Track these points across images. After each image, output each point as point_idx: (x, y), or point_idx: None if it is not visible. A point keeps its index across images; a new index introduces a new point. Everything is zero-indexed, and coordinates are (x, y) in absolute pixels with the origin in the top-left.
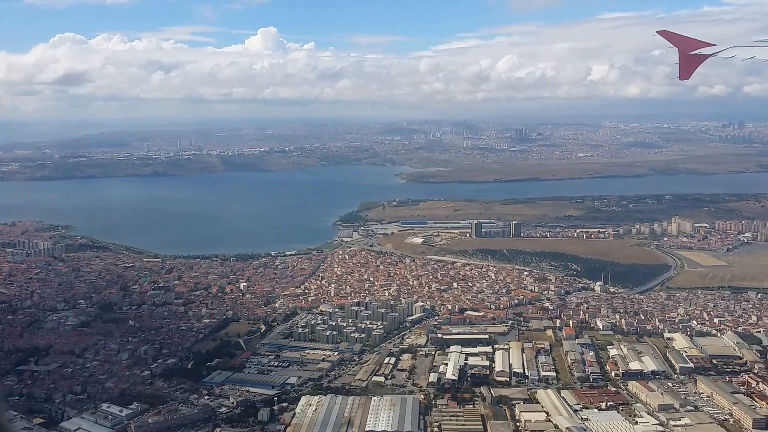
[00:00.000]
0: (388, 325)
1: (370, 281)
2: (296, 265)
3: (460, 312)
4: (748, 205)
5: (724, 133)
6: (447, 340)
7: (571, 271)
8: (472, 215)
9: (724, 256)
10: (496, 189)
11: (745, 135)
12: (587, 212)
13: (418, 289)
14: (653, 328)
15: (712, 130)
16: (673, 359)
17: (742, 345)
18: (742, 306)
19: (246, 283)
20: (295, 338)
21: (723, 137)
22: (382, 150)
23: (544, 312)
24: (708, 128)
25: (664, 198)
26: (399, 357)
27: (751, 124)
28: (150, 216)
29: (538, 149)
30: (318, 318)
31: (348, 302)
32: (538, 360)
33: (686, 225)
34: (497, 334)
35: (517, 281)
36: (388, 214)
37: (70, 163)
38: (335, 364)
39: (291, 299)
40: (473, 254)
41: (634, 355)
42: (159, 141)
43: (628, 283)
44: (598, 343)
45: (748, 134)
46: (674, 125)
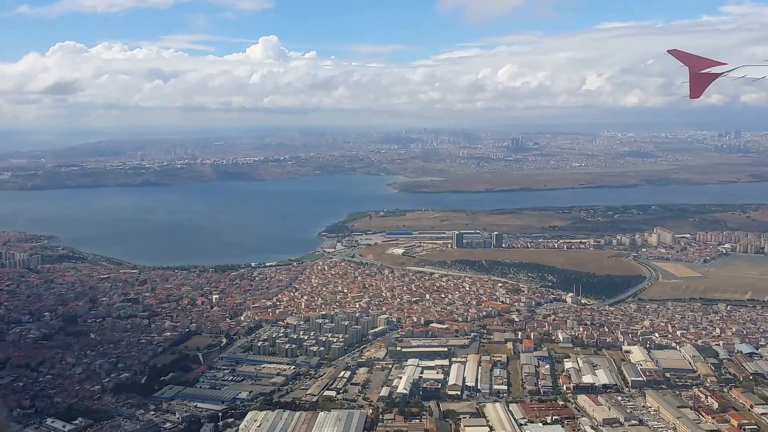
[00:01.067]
0: (350, 337)
1: (343, 293)
2: (274, 277)
3: (425, 324)
4: (734, 216)
5: (720, 143)
6: (406, 353)
7: (547, 282)
8: (459, 226)
9: (700, 267)
10: (486, 199)
11: (740, 144)
12: (572, 223)
13: (389, 300)
14: (613, 341)
15: (709, 139)
16: (626, 372)
17: (698, 358)
18: (709, 318)
19: (218, 295)
20: (255, 352)
21: (719, 147)
22: (377, 159)
23: (509, 324)
24: (704, 138)
25: (650, 208)
26: (355, 371)
27: (748, 133)
28: (135, 226)
29: (534, 159)
30: (280, 331)
31: (313, 315)
32: (493, 373)
33: (666, 236)
34: (458, 346)
35: (489, 292)
36: (375, 224)
37: (62, 173)
38: (289, 378)
39: (258, 312)
40: (452, 265)
41: (589, 368)
42: (155, 150)
43: (600, 294)
44: (556, 356)
45: (743, 144)
46: (671, 135)
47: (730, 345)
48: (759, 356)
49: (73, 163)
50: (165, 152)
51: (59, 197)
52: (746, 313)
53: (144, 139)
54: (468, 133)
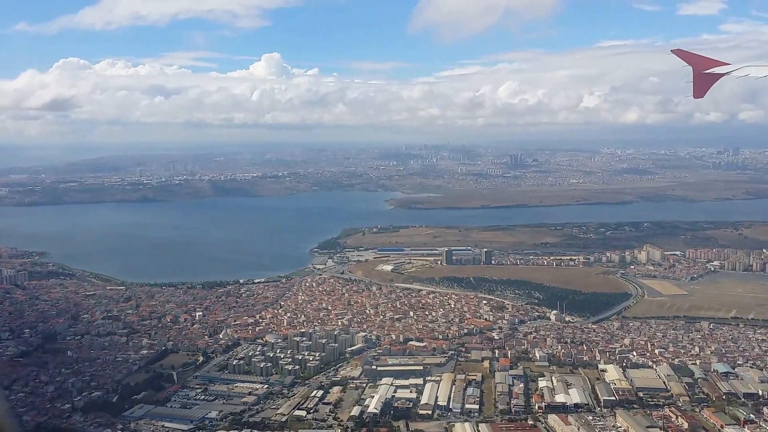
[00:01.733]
0: (327, 356)
1: (327, 310)
2: (261, 293)
3: (404, 342)
4: (726, 233)
5: (718, 160)
6: (381, 371)
7: (534, 299)
8: (451, 242)
9: (687, 285)
10: (481, 215)
11: (738, 161)
12: (564, 239)
13: (372, 318)
14: (590, 359)
15: (707, 156)
16: (599, 392)
17: (673, 377)
18: (690, 336)
19: (202, 312)
20: (230, 370)
21: (716, 164)
22: (375, 175)
23: (489, 342)
24: (703, 155)
25: (642, 225)
26: (328, 390)
27: (747, 150)
28: (128, 242)
29: (532, 175)
30: (257, 349)
31: (291, 333)
32: (466, 392)
33: (656, 253)
34: (434, 365)
35: (473, 310)
36: (367, 240)
37: (60, 189)
38: (261, 397)
39: (238, 329)
40: (440, 282)
41: (563, 387)
42: (155, 166)
43: (585, 312)
44: (531, 375)
45: (741, 161)
46: (671, 152)
47: (707, 364)
48: (734, 376)
49: (72, 179)
50: (165, 168)
51: (55, 213)
52: (728, 332)
53: (145, 155)
54: (468, 150)
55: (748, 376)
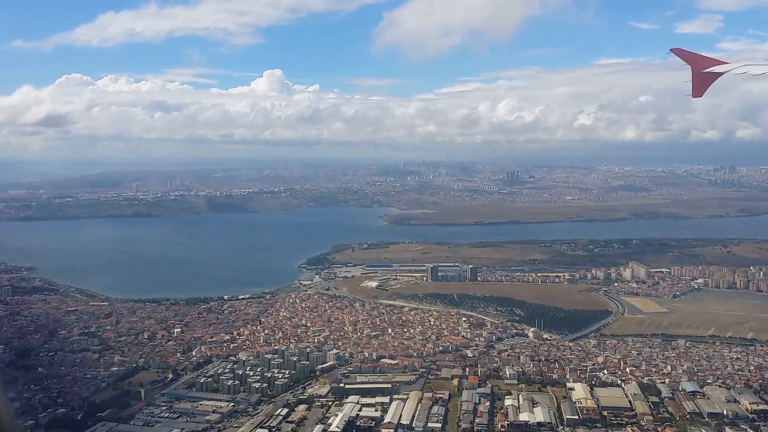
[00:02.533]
0: (297, 373)
1: (305, 326)
2: (243, 310)
3: (377, 360)
4: (714, 251)
5: (714, 178)
6: (349, 389)
7: (515, 316)
8: (440, 258)
9: (668, 302)
10: (473, 232)
11: (735, 179)
12: (552, 256)
13: (349, 335)
14: (560, 377)
15: (703, 174)
16: (564, 410)
17: (639, 396)
18: (665, 355)
19: (180, 328)
20: (198, 388)
21: (712, 181)
22: (371, 191)
23: (462, 360)
24: (699, 172)
25: (631, 242)
26: (293, 408)
27: (744, 168)
28: (116, 258)
29: (528, 192)
30: (227, 367)
31: (263, 350)
32: (431, 410)
33: (641, 270)
34: (403, 383)
35: (452, 327)
36: (356, 256)
37: (55, 204)
38: (225, 415)
39: (212, 346)
40: (423, 299)
41: (528, 406)
42: (154, 181)
43: (564, 329)
44: (499, 393)
45: (738, 178)
46: (668, 169)
47: (676, 383)
48: (702, 395)
49: (69, 195)
50: (163, 184)
51: (49, 228)
52: (704, 350)
53: (144, 171)
54: (467, 166)
55: (715, 395)
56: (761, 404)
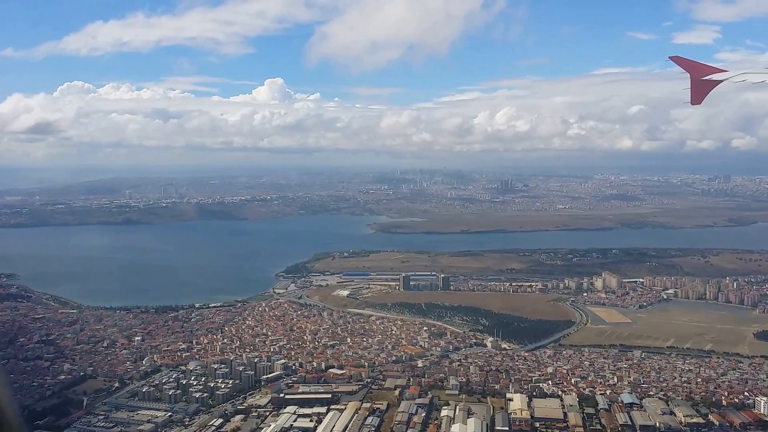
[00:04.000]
0: (242, 383)
1: (265, 335)
2: (210, 318)
3: (325, 370)
4: (693, 261)
5: (708, 187)
6: (288, 400)
7: (479, 325)
8: (419, 267)
9: (633, 313)
10: (458, 240)
11: (728, 189)
12: (530, 266)
13: (307, 344)
14: (502, 388)
15: (698, 183)
16: (497, 421)
17: (574, 408)
18: (617, 365)
19: (141, 336)
20: (140, 398)
21: (706, 191)
22: (363, 199)
23: (410, 370)
24: (694, 182)
25: (611, 252)
26: (229, 419)
27: (739, 177)
28: (98, 265)
29: (520, 200)
30: (172, 376)
31: (211, 360)
32: (365, 421)
33: (612, 280)
34: (345, 393)
35: (412, 336)
36: (336, 265)
37: (47, 211)
38: (159, 425)
39: (165, 355)
40: (392, 307)
41: (462, 417)
42: (150, 188)
43: (524, 339)
44: (439, 403)
45: (732, 188)
46: (663, 178)
47: (616, 394)
48: (639, 407)
49: (61, 201)
50: (157, 191)
51: (37, 235)
52: (657, 361)
53: (142, 178)
54: (464, 174)
55: (652, 407)
56: (695, 417)
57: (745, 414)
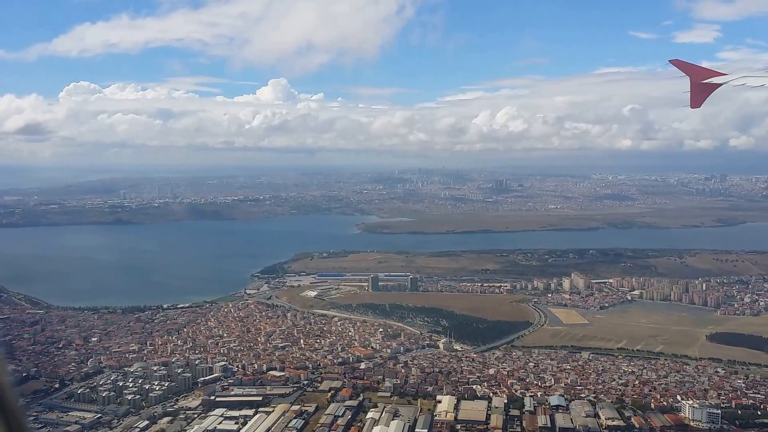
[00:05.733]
0: (178, 385)
1: (220, 337)
2: (174, 319)
3: (266, 371)
4: (668, 261)
5: (703, 186)
6: (219, 402)
7: (439, 326)
8: (395, 268)
9: (593, 314)
10: (442, 240)
11: (724, 188)
12: (505, 266)
13: (257, 345)
14: (434, 390)
15: (694, 182)
16: (419, 424)
17: (499, 410)
18: (561, 367)
19: (99, 337)
20: (76, 399)
21: (701, 190)
22: (356, 199)
23: (351, 372)
24: (690, 181)
25: (588, 252)
26: (156, 421)
27: (737, 177)
28: (77, 265)
29: (513, 200)
30: (111, 377)
31: (152, 361)
32: (290, 424)
33: (580, 281)
34: (278, 395)
35: (366, 338)
36: (313, 265)
37: (40, 211)
38: (86, 426)
39: (112, 356)
40: (356, 308)
41: (387, 419)
42: (147, 188)
43: (478, 340)
44: (368, 405)
45: (728, 187)
46: (661, 178)
47: (546, 396)
48: (564, 409)
49: (55, 201)
50: (153, 191)
51: (25, 235)
52: (602, 363)
53: (142, 178)
54: (461, 174)
55: (577, 410)
56: (617, 420)
57: (668, 417)
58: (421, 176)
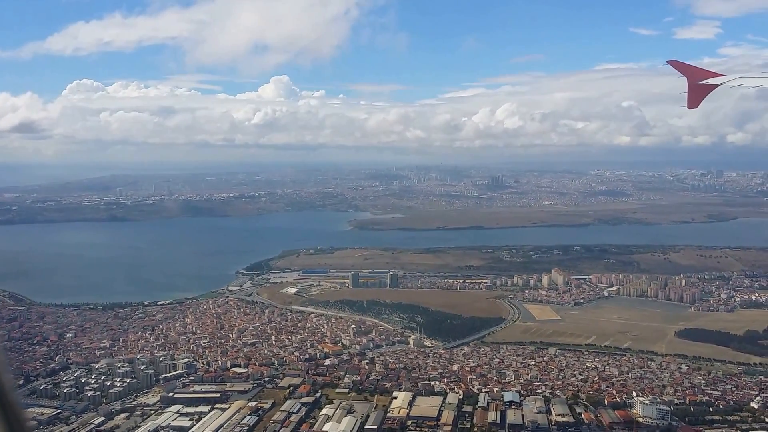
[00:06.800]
0: (140, 382)
1: (192, 333)
2: (152, 315)
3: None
4: (652, 257)
5: (699, 182)
6: (177, 398)
7: (413, 323)
8: (380, 264)
9: (567, 310)
10: (431, 237)
11: (720, 184)
12: (489, 262)
13: (228, 342)
14: (393, 386)
15: (690, 178)
16: (370, 420)
17: (452, 406)
18: (526, 363)
19: (74, 333)
20: (38, 395)
21: (696, 186)
22: (350, 196)
23: (315, 368)
24: (687, 177)
25: (572, 249)
26: (112, 417)
27: (734, 172)
28: (66, 262)
29: (507, 197)
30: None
31: (117, 358)
32: (242, 420)
33: (559, 277)
34: (238, 392)
35: (337, 334)
36: (299, 262)
37: (36, 208)
38: (43, 422)
39: (80, 352)
40: (334, 305)
41: (340, 415)
42: (146, 185)
43: (449, 336)
44: (325, 402)
45: (723, 183)
46: (658, 174)
47: (500, 393)
48: (517, 405)
49: (53, 198)
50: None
51: (18, 232)
52: (566, 359)
53: (141, 175)
54: (459, 170)
55: (530, 405)
56: (567, 416)
57: (619, 413)
58: (419, 173)
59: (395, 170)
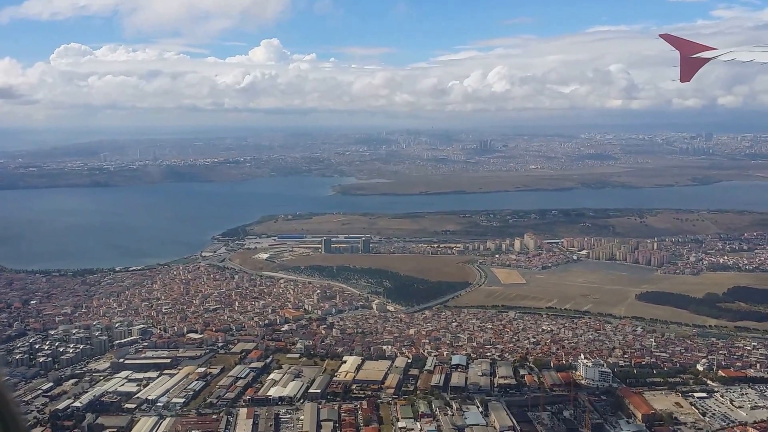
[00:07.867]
0: (93, 348)
1: (156, 299)
2: (121, 282)
3: (185, 333)
4: (629, 221)
5: (688, 145)
6: (127, 364)
7: (381, 287)
8: (357, 230)
9: (533, 274)
10: (412, 202)
11: (709, 147)
12: (466, 227)
13: (191, 308)
14: (344, 351)
15: (679, 141)
16: (314, 384)
17: (398, 370)
18: (482, 326)
19: (39, 300)
20: None
21: (685, 149)
22: (336, 161)
23: (271, 333)
24: (676, 140)
25: (550, 213)
26: (61, 383)
27: (724, 135)
28: (42, 228)
29: (495, 161)
30: (30, 340)
31: (74, 324)
32: (188, 386)
33: (530, 242)
34: (190, 357)
35: (301, 299)
36: (276, 227)
37: (19, 173)
38: None
39: (40, 319)
40: (304, 271)
41: (287, 380)
42: (132, 150)
43: (413, 301)
44: (274, 367)
45: (712, 146)
46: (649, 137)
47: (449, 356)
48: (463, 368)
49: (36, 164)
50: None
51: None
52: (525, 322)
53: (128, 140)
54: (449, 135)
55: (475, 369)
56: (510, 378)
57: (561, 375)
58: (408, 137)
59: (385, 135)
